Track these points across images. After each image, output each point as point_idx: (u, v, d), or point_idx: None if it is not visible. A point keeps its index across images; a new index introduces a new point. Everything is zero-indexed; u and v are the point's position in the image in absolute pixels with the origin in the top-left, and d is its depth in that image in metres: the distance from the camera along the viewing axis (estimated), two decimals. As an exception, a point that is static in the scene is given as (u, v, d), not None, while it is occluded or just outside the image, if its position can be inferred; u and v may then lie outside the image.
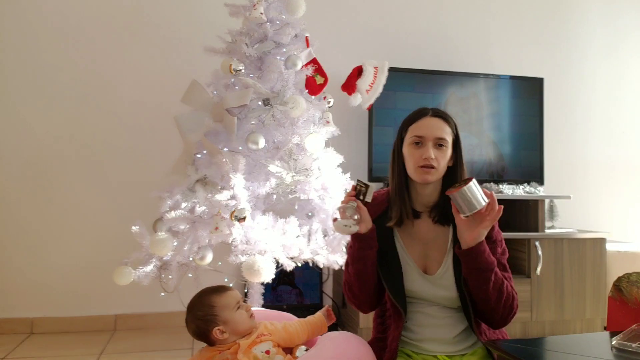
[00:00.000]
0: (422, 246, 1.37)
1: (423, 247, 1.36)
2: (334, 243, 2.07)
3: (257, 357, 1.29)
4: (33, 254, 2.65)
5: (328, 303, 2.87)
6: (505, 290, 1.28)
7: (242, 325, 1.35)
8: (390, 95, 2.74)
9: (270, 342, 1.35)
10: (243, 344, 1.32)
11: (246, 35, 2.12)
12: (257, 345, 1.32)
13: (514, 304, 1.31)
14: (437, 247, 1.35)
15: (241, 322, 1.35)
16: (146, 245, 1.97)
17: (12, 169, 2.65)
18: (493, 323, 1.33)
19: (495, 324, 1.34)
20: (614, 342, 1.28)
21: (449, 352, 1.33)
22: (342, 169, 2.14)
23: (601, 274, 2.73)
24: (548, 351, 1.28)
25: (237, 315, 1.35)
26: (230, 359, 1.31)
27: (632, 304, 1.58)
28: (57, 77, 2.70)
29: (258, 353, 1.30)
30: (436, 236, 1.36)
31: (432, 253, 1.35)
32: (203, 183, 1.98)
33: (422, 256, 1.36)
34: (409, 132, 1.35)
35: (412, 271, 1.35)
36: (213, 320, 1.33)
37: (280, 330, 1.39)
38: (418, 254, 1.36)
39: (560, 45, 3.44)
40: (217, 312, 1.33)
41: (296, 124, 2.06)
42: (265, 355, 1.30)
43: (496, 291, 1.27)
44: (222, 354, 1.32)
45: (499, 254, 1.34)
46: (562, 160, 3.37)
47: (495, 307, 1.28)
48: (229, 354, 1.32)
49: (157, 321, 2.72)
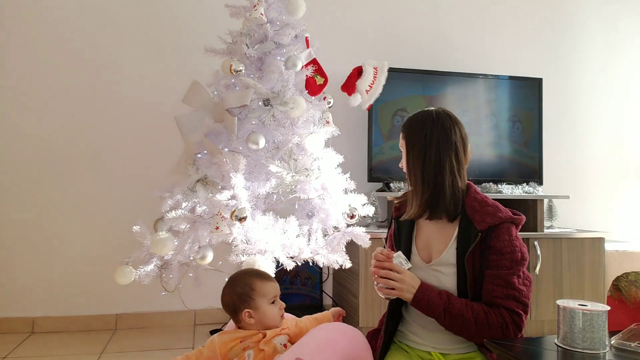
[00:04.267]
0: (428, 238, 1.40)
1: (428, 238, 1.40)
2: (334, 243, 2.08)
3: (276, 347, 1.32)
4: (34, 254, 2.66)
5: (328, 303, 2.88)
6: (487, 322, 1.26)
7: (270, 319, 1.37)
8: (390, 95, 2.75)
9: (287, 337, 1.38)
10: (270, 334, 1.34)
11: (246, 36, 2.13)
12: (278, 336, 1.36)
13: (505, 331, 1.27)
14: (442, 240, 1.38)
15: (270, 316, 1.37)
16: (147, 244, 1.98)
17: (12, 168, 2.65)
18: None
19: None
20: (613, 341, 1.29)
21: (443, 349, 1.35)
22: (342, 169, 2.14)
23: (600, 274, 2.74)
24: (547, 350, 1.29)
25: (270, 308, 1.37)
26: (251, 346, 1.32)
27: (631, 303, 1.59)
28: (57, 77, 2.71)
29: (277, 344, 1.33)
30: (442, 228, 1.38)
31: (436, 244, 1.38)
32: (204, 183, 1.99)
33: (426, 246, 1.40)
34: None
35: (416, 259, 1.39)
36: (247, 301, 1.36)
37: (294, 325, 1.43)
38: (423, 244, 1.40)
39: (559, 46, 3.45)
40: (254, 295, 1.36)
41: (296, 124, 2.06)
42: (283, 348, 1.33)
43: (472, 325, 1.26)
44: (243, 342, 1.33)
45: (505, 267, 1.29)
46: (561, 160, 3.39)
47: (479, 335, 1.27)
48: (251, 342, 1.33)
49: (158, 320, 2.73)
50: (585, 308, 1.24)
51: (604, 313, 1.24)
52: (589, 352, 1.22)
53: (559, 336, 1.28)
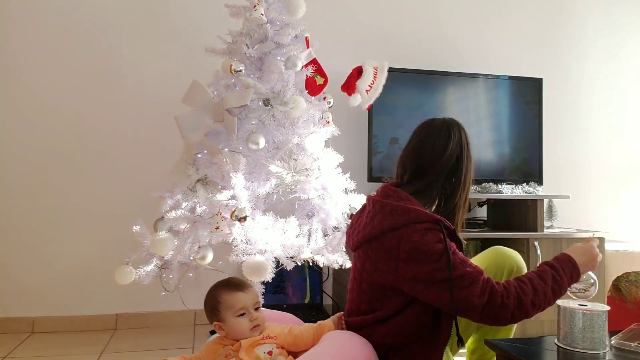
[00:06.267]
0: None
1: None
2: (334, 243, 2.08)
3: (259, 357, 1.29)
4: (34, 253, 2.65)
5: (328, 303, 2.88)
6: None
7: (237, 332, 1.33)
8: (390, 95, 2.75)
9: (274, 344, 1.34)
10: (244, 344, 1.32)
11: (246, 36, 2.12)
12: (260, 345, 1.32)
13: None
14: None
15: (237, 329, 1.33)
16: (147, 244, 1.98)
17: (11, 168, 2.65)
18: None
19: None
20: (613, 341, 1.29)
21: None
22: (342, 169, 2.14)
23: (600, 274, 2.73)
24: (547, 350, 1.29)
25: (236, 321, 1.33)
26: (232, 354, 1.32)
27: (631, 303, 1.59)
28: (56, 77, 2.71)
29: (260, 353, 1.30)
30: None
31: None
32: (204, 183, 1.99)
33: None
34: None
35: None
36: (216, 314, 1.35)
37: (286, 334, 1.38)
38: None
39: (560, 46, 3.44)
40: (220, 308, 1.34)
41: (296, 124, 2.06)
42: (267, 356, 1.30)
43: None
44: (225, 348, 1.33)
45: (436, 270, 1.25)
46: (561, 160, 3.39)
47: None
48: (231, 349, 1.33)
49: (158, 320, 2.73)
50: (585, 308, 1.24)
51: (604, 313, 1.24)
52: (589, 352, 1.22)
53: (559, 336, 1.28)
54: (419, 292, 1.26)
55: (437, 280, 1.22)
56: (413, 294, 1.28)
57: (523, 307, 1.20)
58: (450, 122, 1.48)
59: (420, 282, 1.24)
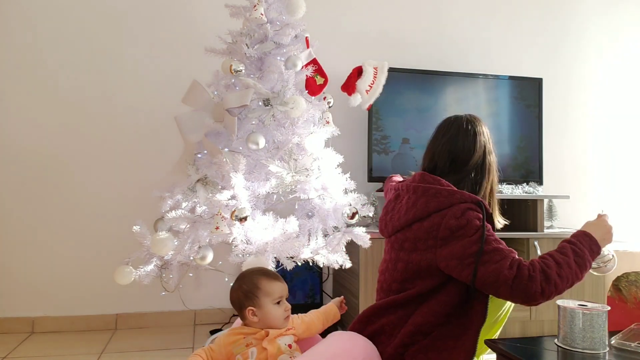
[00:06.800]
0: None
1: None
2: (334, 243, 2.08)
3: (280, 348, 1.32)
4: (34, 253, 2.65)
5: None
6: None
7: (273, 320, 1.37)
8: (390, 95, 2.75)
9: (293, 337, 1.38)
10: (273, 333, 1.34)
11: (246, 36, 2.12)
12: (282, 336, 1.36)
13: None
14: None
15: (274, 316, 1.37)
16: (147, 244, 1.98)
17: (11, 168, 2.65)
18: None
19: None
20: (613, 341, 1.29)
21: None
22: (342, 169, 2.14)
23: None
24: (547, 350, 1.29)
25: (274, 308, 1.37)
26: (254, 344, 1.33)
27: (631, 303, 1.60)
28: (56, 77, 2.71)
29: (282, 344, 1.34)
30: None
31: None
32: (204, 183, 1.99)
33: None
34: None
35: None
36: (252, 299, 1.36)
37: (299, 324, 1.44)
38: None
39: (560, 46, 3.45)
40: (259, 294, 1.36)
41: (296, 124, 2.06)
42: (288, 349, 1.34)
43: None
44: (246, 338, 1.34)
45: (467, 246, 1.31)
46: (561, 160, 3.39)
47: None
48: (254, 338, 1.34)
49: (158, 320, 2.73)
50: (585, 308, 1.24)
51: (604, 313, 1.24)
52: (589, 352, 1.22)
53: (559, 336, 1.29)
54: (453, 268, 1.30)
55: (471, 254, 1.27)
56: (448, 271, 1.32)
57: (550, 280, 1.21)
58: (474, 119, 1.55)
59: (456, 258, 1.29)
